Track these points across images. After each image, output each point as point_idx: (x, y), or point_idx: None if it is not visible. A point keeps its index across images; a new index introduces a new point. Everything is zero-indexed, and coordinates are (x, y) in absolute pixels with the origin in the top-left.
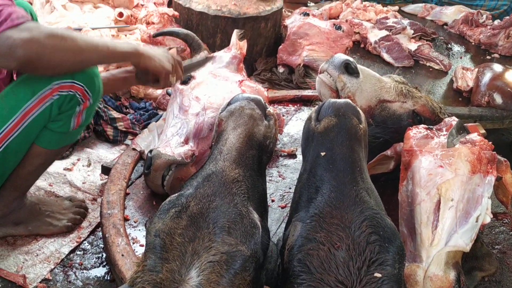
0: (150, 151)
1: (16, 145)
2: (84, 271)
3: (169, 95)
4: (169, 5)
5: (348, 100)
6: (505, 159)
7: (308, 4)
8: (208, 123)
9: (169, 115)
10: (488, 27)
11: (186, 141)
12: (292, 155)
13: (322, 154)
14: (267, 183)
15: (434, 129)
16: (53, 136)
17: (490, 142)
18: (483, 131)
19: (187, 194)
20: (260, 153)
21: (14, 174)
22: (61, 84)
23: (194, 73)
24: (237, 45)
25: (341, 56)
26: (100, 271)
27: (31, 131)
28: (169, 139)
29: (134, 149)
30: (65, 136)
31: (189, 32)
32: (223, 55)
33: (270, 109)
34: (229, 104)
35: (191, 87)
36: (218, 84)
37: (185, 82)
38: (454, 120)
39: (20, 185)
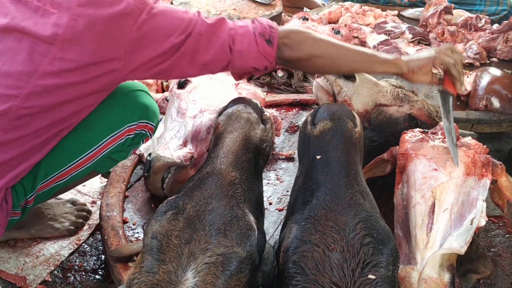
0: (149, 154)
1: (81, 174)
2: (83, 273)
3: (168, 101)
4: None
5: (344, 104)
6: (501, 162)
7: (305, 10)
8: (206, 126)
9: (167, 119)
10: (487, 31)
11: (184, 144)
12: (290, 159)
13: (318, 157)
14: (265, 186)
15: (429, 132)
16: (111, 164)
17: (485, 146)
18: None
19: (184, 197)
20: (256, 156)
21: None
22: (138, 123)
23: (195, 82)
24: None
25: None
26: (99, 273)
27: (99, 162)
28: (167, 142)
29: (133, 152)
30: (117, 161)
31: None
32: None
33: (267, 112)
34: (226, 107)
35: (188, 91)
36: (215, 87)
37: (181, 86)
38: None
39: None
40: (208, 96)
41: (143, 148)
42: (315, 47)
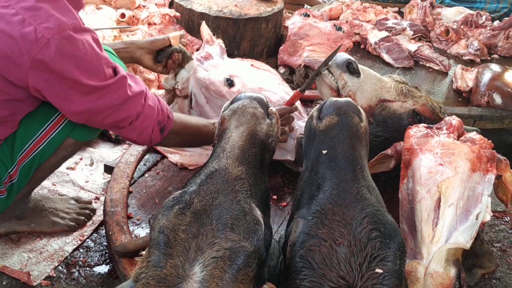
0: None
1: (57, 139)
2: (88, 268)
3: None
4: (171, 6)
5: (349, 99)
6: (505, 157)
7: (306, 7)
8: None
9: None
10: (488, 28)
11: None
12: None
13: (324, 152)
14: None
15: (434, 128)
16: (85, 129)
17: (490, 141)
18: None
19: (191, 191)
20: (262, 151)
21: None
22: None
23: (236, 75)
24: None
25: (344, 55)
26: (104, 269)
27: (71, 125)
28: None
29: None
30: (94, 130)
31: (181, 47)
32: (213, 50)
33: (273, 107)
34: (231, 102)
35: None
36: (257, 75)
37: (232, 84)
38: (454, 119)
39: (36, 177)
40: (260, 83)
41: None
42: (187, 141)
